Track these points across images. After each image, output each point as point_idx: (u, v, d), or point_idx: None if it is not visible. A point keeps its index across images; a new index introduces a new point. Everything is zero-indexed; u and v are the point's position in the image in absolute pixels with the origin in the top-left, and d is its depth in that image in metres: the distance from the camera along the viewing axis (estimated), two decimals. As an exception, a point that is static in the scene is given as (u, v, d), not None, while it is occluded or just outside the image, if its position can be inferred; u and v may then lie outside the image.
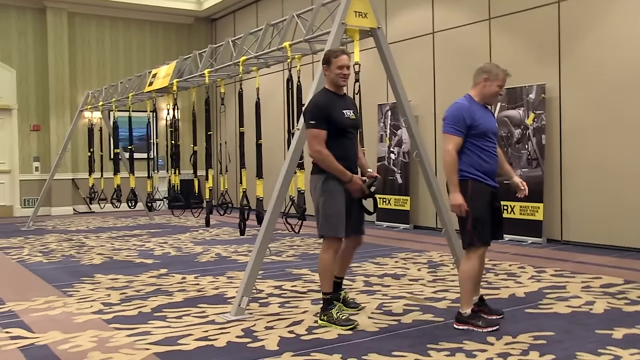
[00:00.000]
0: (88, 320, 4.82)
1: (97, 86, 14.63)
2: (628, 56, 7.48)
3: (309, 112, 4.50)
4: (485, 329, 4.27)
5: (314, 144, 4.43)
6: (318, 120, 4.43)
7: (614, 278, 5.96)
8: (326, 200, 4.47)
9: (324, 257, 4.52)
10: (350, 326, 4.39)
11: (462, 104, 4.45)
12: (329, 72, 4.59)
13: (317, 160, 4.47)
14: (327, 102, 4.52)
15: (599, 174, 7.81)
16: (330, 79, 4.60)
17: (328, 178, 4.48)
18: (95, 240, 9.71)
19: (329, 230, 4.48)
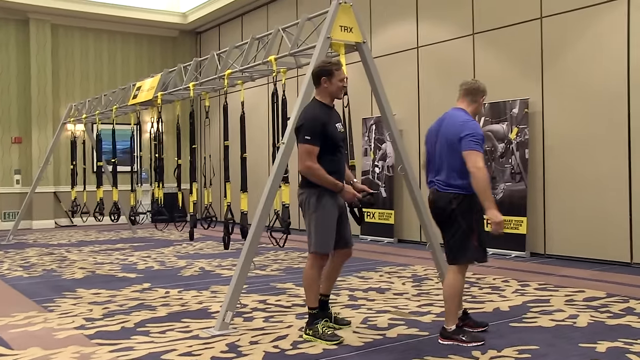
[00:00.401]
0: (69, 336, 4.74)
1: (80, 98, 14.54)
2: (610, 71, 7.58)
3: (306, 127, 4.37)
4: (470, 343, 4.27)
5: (305, 159, 4.33)
6: (313, 136, 4.33)
7: (597, 291, 6.00)
8: (319, 216, 4.41)
9: (310, 272, 4.47)
10: (335, 342, 4.36)
11: (475, 121, 4.43)
12: (329, 84, 4.47)
13: (308, 175, 4.38)
14: (322, 115, 4.44)
15: (582, 187, 7.88)
16: (330, 92, 4.49)
17: (322, 193, 4.41)
18: (77, 254, 9.60)
19: (320, 246, 4.43)
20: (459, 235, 4.34)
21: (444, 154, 4.41)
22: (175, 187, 9.46)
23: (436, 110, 9.63)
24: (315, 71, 4.55)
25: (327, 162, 4.39)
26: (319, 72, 4.50)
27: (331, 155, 4.44)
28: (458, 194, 4.35)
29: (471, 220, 4.35)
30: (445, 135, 4.42)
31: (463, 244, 4.34)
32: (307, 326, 4.54)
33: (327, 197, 4.43)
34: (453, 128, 4.39)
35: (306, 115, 4.46)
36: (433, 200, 4.49)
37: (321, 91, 4.52)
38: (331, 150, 4.44)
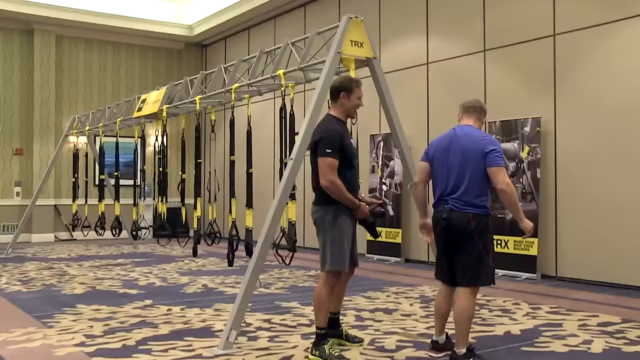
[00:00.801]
0: (69, 353, 4.61)
1: (83, 111, 14.49)
2: (624, 89, 7.49)
3: (326, 140, 4.35)
4: None
5: (328, 174, 4.31)
6: (334, 150, 4.33)
7: (612, 316, 5.85)
8: (337, 233, 4.40)
9: (323, 291, 4.42)
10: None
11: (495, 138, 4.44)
12: (347, 100, 4.50)
13: (330, 191, 4.34)
14: (340, 131, 4.45)
15: (595, 208, 7.76)
16: (347, 108, 4.53)
17: (339, 211, 4.40)
18: (77, 269, 9.46)
19: (336, 264, 4.40)
20: (476, 256, 4.22)
21: (467, 171, 4.26)
22: (179, 202, 9.35)
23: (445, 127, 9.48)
24: (335, 85, 4.56)
25: (343, 177, 4.39)
26: (339, 87, 4.52)
27: (347, 171, 4.44)
28: (477, 214, 4.23)
29: (487, 240, 4.25)
30: (467, 151, 4.27)
31: (480, 265, 4.22)
32: (313, 346, 4.44)
33: (343, 215, 4.43)
34: (476, 142, 4.28)
35: (325, 129, 4.45)
36: (447, 219, 4.29)
37: (337, 106, 4.53)
38: (347, 166, 4.45)
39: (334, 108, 4.56)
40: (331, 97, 4.57)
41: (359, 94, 4.51)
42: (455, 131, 4.45)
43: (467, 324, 4.24)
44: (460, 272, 4.31)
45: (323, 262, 4.44)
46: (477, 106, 4.53)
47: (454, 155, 4.33)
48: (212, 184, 8.25)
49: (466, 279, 4.27)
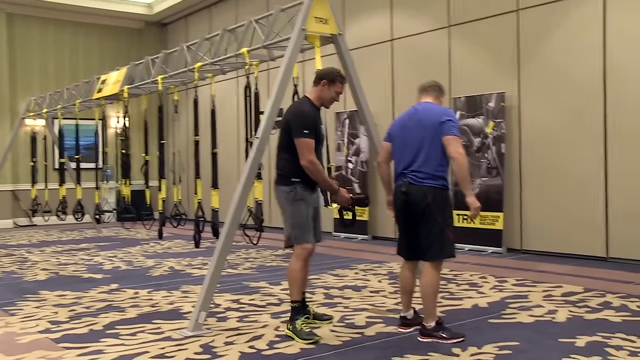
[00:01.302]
0: (34, 340, 4.52)
1: (40, 92, 14.06)
2: (587, 63, 7.59)
3: (302, 122, 4.43)
4: (450, 340, 4.21)
5: (307, 154, 4.38)
6: (310, 130, 4.41)
7: (574, 286, 5.99)
8: (297, 208, 4.48)
9: (295, 265, 4.49)
10: (311, 341, 4.29)
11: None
12: (326, 90, 4.56)
13: (309, 171, 4.40)
14: (314, 113, 4.55)
15: (558, 182, 7.89)
16: (322, 96, 4.59)
17: (298, 187, 4.48)
18: (38, 255, 9.27)
19: (301, 238, 4.48)
20: (437, 230, 4.26)
21: (424, 143, 4.30)
22: (143, 184, 9.21)
23: (411, 103, 9.56)
24: (321, 73, 4.63)
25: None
26: (323, 75, 4.59)
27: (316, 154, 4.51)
28: (433, 187, 4.27)
29: (446, 214, 4.30)
30: (424, 123, 4.33)
31: (441, 239, 4.26)
32: (289, 321, 4.53)
33: (307, 192, 4.52)
34: (433, 115, 4.35)
35: (301, 110, 4.54)
36: (406, 192, 4.33)
37: (316, 92, 4.60)
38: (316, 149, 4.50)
39: (313, 92, 4.63)
40: (314, 82, 4.64)
41: (339, 89, 4.58)
42: (415, 107, 4.53)
43: (433, 298, 4.30)
44: (422, 247, 4.35)
45: (290, 237, 4.54)
46: (435, 85, 4.61)
47: (412, 130, 4.40)
48: (177, 165, 8.14)
49: (429, 254, 4.31)
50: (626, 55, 7.24)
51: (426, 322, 4.31)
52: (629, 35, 7.21)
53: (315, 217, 4.64)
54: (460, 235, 8.66)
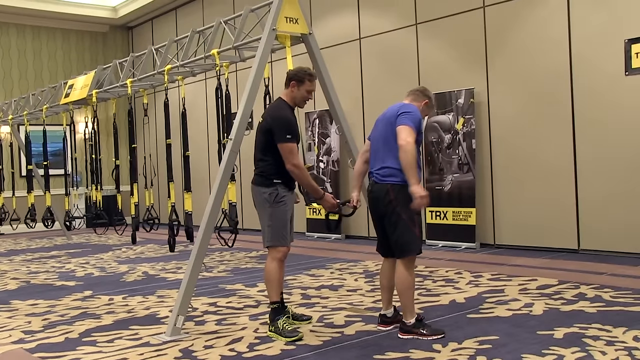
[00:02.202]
0: (8, 352, 4.42)
1: (3, 98, 13.80)
2: (553, 58, 7.69)
3: (285, 127, 4.44)
4: (430, 336, 4.22)
5: (291, 158, 4.41)
6: (293, 135, 4.44)
7: (549, 279, 6.06)
8: (277, 210, 4.50)
9: (272, 266, 4.51)
10: (295, 337, 4.33)
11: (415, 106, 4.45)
12: (296, 90, 4.58)
13: (295, 175, 4.45)
14: (293, 116, 4.59)
15: (529, 176, 7.98)
16: (293, 97, 4.61)
17: (280, 189, 4.50)
18: (7, 264, 9.06)
19: (278, 240, 4.50)
20: (402, 227, 4.26)
21: (388, 138, 4.34)
22: (114, 189, 9.08)
23: (381, 101, 9.64)
24: (290, 74, 4.64)
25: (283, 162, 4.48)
26: (292, 76, 4.60)
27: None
28: (395, 184, 4.28)
29: (411, 211, 4.23)
30: (388, 119, 4.40)
31: (407, 236, 4.26)
32: (269, 322, 4.53)
33: (286, 194, 4.55)
34: (394, 110, 4.41)
35: (281, 115, 4.53)
36: (371, 191, 4.42)
37: (287, 94, 4.63)
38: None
39: (285, 94, 4.64)
40: (285, 84, 4.65)
41: (309, 87, 4.58)
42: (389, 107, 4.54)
43: (408, 294, 4.30)
44: (392, 246, 4.37)
45: (267, 239, 4.53)
46: (417, 89, 4.65)
47: (379, 127, 4.49)
48: (148, 169, 8.04)
49: (398, 251, 4.34)
50: (589, 48, 7.36)
51: (406, 319, 4.32)
52: (592, 28, 7.34)
53: (291, 218, 4.65)
54: (433, 231, 8.73)
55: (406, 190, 4.18)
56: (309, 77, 4.60)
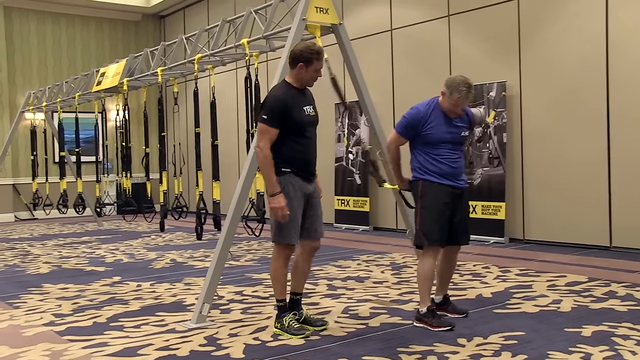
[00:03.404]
0: (39, 333, 4.51)
1: (38, 86, 14.04)
2: (588, 52, 7.54)
3: (267, 107, 4.16)
4: (436, 328, 4.28)
5: (259, 139, 4.15)
6: (271, 117, 4.11)
7: (578, 276, 5.98)
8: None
9: (275, 265, 4.31)
10: (302, 335, 4.18)
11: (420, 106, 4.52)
12: (304, 71, 4.20)
13: (257, 156, 4.21)
14: (287, 99, 4.18)
15: (560, 171, 7.86)
16: (301, 78, 4.24)
17: (289, 178, 4.18)
18: (40, 249, 9.25)
19: (281, 236, 4.23)
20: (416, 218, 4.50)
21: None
22: (144, 177, 9.17)
23: (411, 93, 9.59)
24: (295, 54, 4.23)
25: (289, 147, 4.17)
26: (298, 57, 4.19)
27: (294, 141, 4.19)
28: (412, 180, 4.59)
29: (421, 204, 4.46)
30: None
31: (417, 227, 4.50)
32: (275, 319, 4.39)
33: (291, 186, 4.20)
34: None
35: (271, 94, 4.25)
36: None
37: (294, 75, 4.27)
38: (296, 134, 4.19)
39: (290, 75, 4.30)
40: (290, 64, 4.28)
41: (317, 67, 4.20)
42: None
43: (421, 284, 4.45)
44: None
45: (272, 233, 4.29)
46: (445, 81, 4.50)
47: None
48: (177, 157, 8.10)
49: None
50: (629, 42, 7.19)
51: (420, 307, 4.44)
52: (631, 21, 7.16)
53: (313, 212, 4.35)
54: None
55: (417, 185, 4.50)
56: (317, 55, 4.20)
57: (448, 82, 4.42)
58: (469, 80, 4.41)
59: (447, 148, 4.43)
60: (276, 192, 4.10)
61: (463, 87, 4.35)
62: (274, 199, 4.10)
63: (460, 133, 4.51)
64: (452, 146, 4.45)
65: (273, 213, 4.12)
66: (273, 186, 4.11)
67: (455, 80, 4.40)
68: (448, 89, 4.40)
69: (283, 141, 4.15)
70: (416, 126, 4.42)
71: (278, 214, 4.10)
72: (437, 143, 4.41)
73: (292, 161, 4.18)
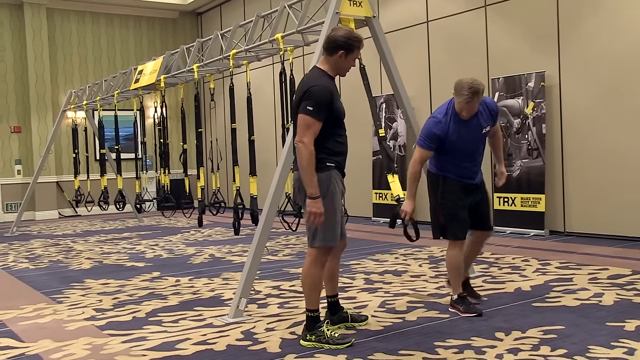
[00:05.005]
0: (80, 327, 4.61)
1: (79, 84, 14.33)
2: (629, 42, 7.34)
3: (311, 96, 3.75)
4: (464, 314, 4.45)
5: (304, 134, 3.74)
6: (318, 108, 3.73)
7: (621, 269, 5.83)
8: (329, 204, 3.84)
9: (314, 271, 3.92)
10: (348, 344, 3.88)
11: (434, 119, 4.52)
12: (343, 60, 3.92)
13: (299, 153, 3.77)
14: (332, 89, 3.88)
15: (601, 163, 7.68)
16: (339, 67, 3.95)
17: (331, 178, 3.87)
18: (83, 245, 9.46)
19: (326, 239, 3.89)
20: (432, 209, 4.68)
21: None
22: (181, 173, 9.30)
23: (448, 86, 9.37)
24: (337, 40, 3.89)
25: (334, 142, 3.89)
26: (342, 44, 3.88)
27: (338, 134, 3.93)
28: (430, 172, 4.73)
29: (437, 196, 4.61)
30: None
31: (434, 218, 4.68)
32: (306, 331, 3.98)
33: (335, 182, 3.90)
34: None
35: (314, 84, 3.82)
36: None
37: (331, 62, 3.95)
38: (338, 127, 3.93)
39: (326, 62, 3.97)
40: (327, 50, 3.95)
41: (357, 56, 3.97)
42: None
43: (450, 272, 4.62)
44: None
45: (312, 236, 3.90)
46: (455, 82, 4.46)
47: None
48: (215, 153, 8.16)
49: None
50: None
51: (452, 294, 4.65)
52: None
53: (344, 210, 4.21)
54: (501, 218, 8.55)
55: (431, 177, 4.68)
56: (359, 43, 3.93)
57: (455, 85, 4.37)
58: (475, 84, 4.26)
59: (467, 154, 4.54)
60: (317, 195, 3.76)
61: (466, 91, 4.26)
62: (316, 203, 3.75)
63: (481, 132, 4.53)
64: (472, 152, 4.56)
65: (312, 217, 3.78)
66: (315, 187, 3.75)
67: (460, 84, 4.32)
68: (455, 91, 4.37)
69: (326, 135, 3.84)
70: (440, 137, 4.44)
71: (316, 220, 3.78)
72: (457, 152, 4.50)
73: (336, 156, 3.91)
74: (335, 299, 4.33)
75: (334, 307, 4.32)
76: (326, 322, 4.05)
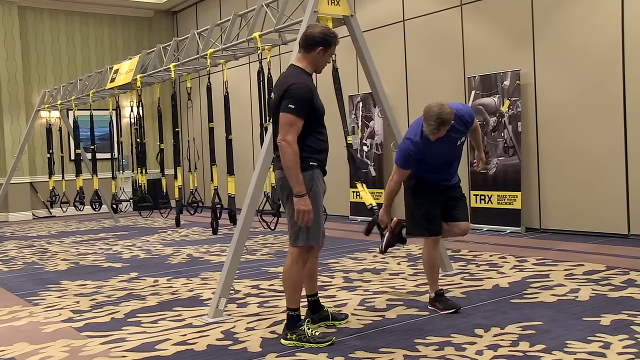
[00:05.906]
0: (57, 330, 4.55)
1: (53, 84, 14.13)
2: (604, 39, 7.44)
3: (292, 95, 3.73)
4: (442, 311, 4.51)
5: (287, 132, 3.70)
6: (299, 107, 3.72)
7: (596, 265, 5.93)
8: (312, 203, 3.80)
9: (295, 269, 3.93)
10: (329, 342, 3.90)
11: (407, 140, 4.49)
12: (321, 56, 3.92)
13: (282, 152, 3.71)
14: (312, 86, 3.86)
15: (577, 160, 7.79)
16: (317, 63, 3.96)
17: (314, 176, 3.87)
18: (58, 246, 9.34)
19: (310, 238, 3.89)
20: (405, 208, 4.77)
21: None
22: (158, 173, 9.22)
23: (424, 85, 9.55)
24: (314, 37, 3.89)
25: (316, 139, 3.87)
26: (319, 40, 3.88)
27: (319, 132, 3.91)
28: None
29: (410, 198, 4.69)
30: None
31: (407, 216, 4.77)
32: (287, 330, 3.99)
33: (318, 181, 3.91)
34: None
35: (294, 82, 3.80)
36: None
37: (309, 59, 3.94)
38: (318, 125, 3.91)
39: (303, 59, 3.95)
40: (304, 47, 3.93)
41: (333, 52, 3.98)
42: None
43: (427, 270, 4.70)
44: None
45: (295, 235, 3.90)
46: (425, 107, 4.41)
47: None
48: (192, 152, 8.11)
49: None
50: (645, 28, 7.10)
51: (429, 292, 4.71)
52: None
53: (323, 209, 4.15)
54: (478, 215, 8.62)
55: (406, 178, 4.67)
56: (336, 40, 3.96)
57: (424, 111, 4.28)
58: (442, 115, 4.15)
59: (444, 167, 4.61)
60: (305, 193, 3.75)
61: (433, 121, 4.18)
62: (303, 201, 3.73)
63: (456, 144, 4.55)
64: (449, 164, 4.63)
65: (300, 216, 3.75)
66: (301, 185, 3.73)
67: (429, 112, 4.20)
68: (423, 118, 4.29)
69: (307, 133, 3.81)
70: (417, 157, 4.44)
71: (304, 218, 3.75)
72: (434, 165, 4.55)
73: (318, 153, 3.90)
74: (316, 297, 4.34)
75: (314, 306, 4.33)
76: (307, 320, 4.06)
